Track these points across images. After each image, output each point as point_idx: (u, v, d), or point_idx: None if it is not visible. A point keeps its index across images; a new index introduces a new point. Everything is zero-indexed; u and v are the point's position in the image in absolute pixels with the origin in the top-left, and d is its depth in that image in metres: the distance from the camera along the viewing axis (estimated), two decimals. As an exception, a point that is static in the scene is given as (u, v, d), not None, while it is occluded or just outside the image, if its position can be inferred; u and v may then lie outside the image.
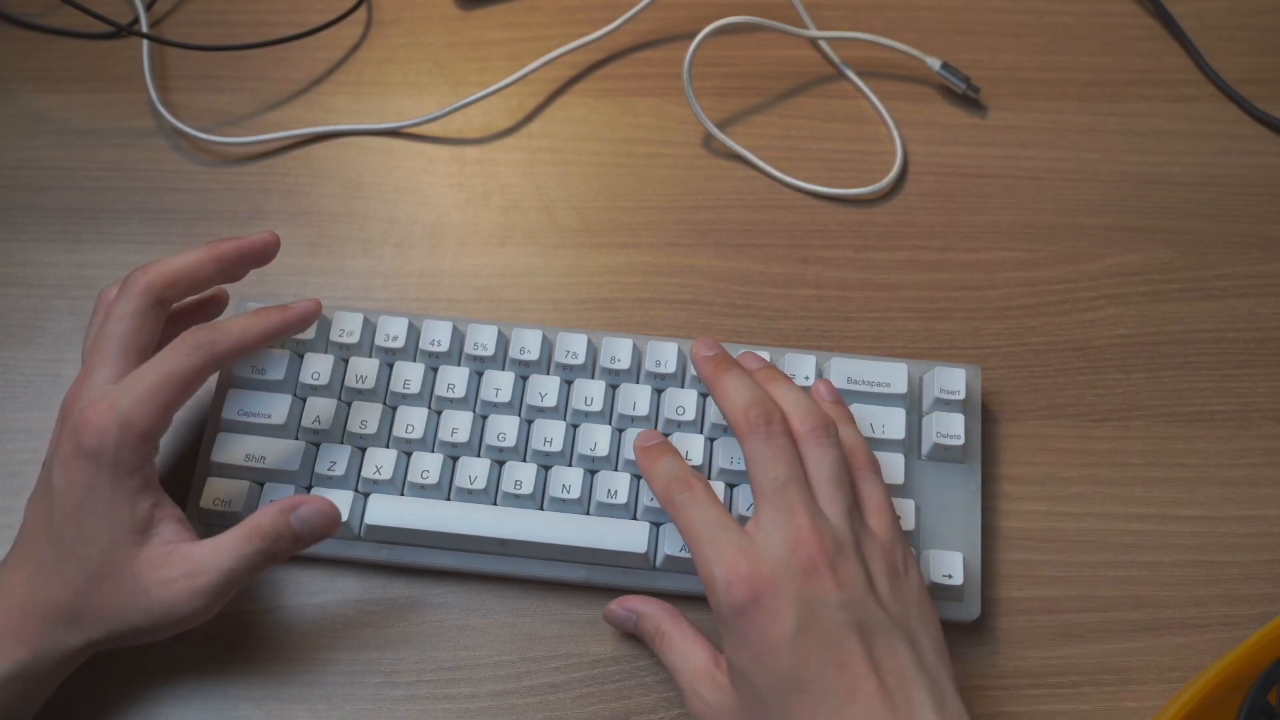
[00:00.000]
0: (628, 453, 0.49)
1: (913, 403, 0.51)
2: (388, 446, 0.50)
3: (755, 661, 0.39)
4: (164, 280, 0.45)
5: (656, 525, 0.49)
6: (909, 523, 0.48)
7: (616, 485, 0.49)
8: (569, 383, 0.51)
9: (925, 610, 0.42)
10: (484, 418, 0.50)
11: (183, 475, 0.50)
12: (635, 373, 0.51)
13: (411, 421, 0.50)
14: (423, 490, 0.49)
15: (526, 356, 0.51)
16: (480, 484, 0.49)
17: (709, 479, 0.49)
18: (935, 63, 0.61)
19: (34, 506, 0.44)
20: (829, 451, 0.43)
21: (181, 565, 0.42)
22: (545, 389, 0.50)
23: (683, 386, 0.51)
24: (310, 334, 0.51)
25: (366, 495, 0.49)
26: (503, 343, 0.52)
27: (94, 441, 0.41)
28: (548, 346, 0.52)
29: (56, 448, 0.43)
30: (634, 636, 0.48)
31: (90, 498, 0.42)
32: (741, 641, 0.40)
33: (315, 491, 0.49)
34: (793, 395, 0.45)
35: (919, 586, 0.42)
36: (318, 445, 0.50)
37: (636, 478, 0.49)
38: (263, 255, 0.48)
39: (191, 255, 0.46)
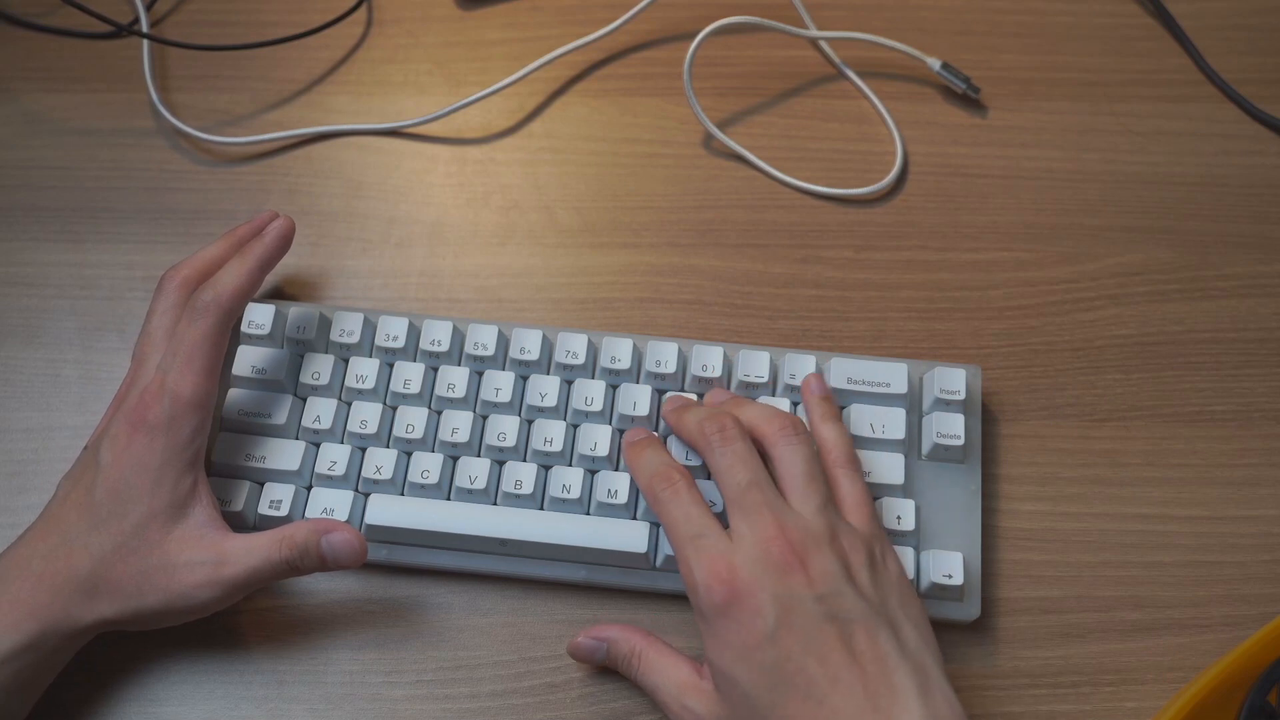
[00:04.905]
0: (628, 453, 0.49)
1: (913, 403, 0.51)
2: (388, 446, 0.50)
3: (738, 660, 0.40)
4: (196, 273, 0.49)
5: (656, 525, 0.49)
6: (909, 523, 0.48)
7: (617, 485, 0.49)
8: (569, 383, 0.51)
9: (907, 598, 0.42)
10: (484, 418, 0.50)
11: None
12: (635, 373, 0.51)
13: (411, 421, 0.50)
14: (423, 490, 0.49)
15: (526, 356, 0.51)
16: (480, 484, 0.49)
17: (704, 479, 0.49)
18: (935, 63, 0.61)
19: (68, 482, 0.46)
20: (797, 449, 0.44)
21: (211, 552, 0.43)
22: (545, 389, 0.50)
23: (683, 387, 0.51)
24: (310, 334, 0.51)
25: (366, 495, 0.49)
26: (503, 343, 0.52)
27: (153, 417, 0.44)
28: (548, 346, 0.52)
29: (107, 429, 0.45)
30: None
31: (139, 471, 0.44)
32: (724, 642, 0.40)
33: (315, 491, 0.49)
34: (754, 407, 0.47)
35: (899, 575, 0.43)
36: (318, 445, 0.50)
37: (636, 478, 0.49)
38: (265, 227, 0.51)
39: (214, 248, 0.51)
